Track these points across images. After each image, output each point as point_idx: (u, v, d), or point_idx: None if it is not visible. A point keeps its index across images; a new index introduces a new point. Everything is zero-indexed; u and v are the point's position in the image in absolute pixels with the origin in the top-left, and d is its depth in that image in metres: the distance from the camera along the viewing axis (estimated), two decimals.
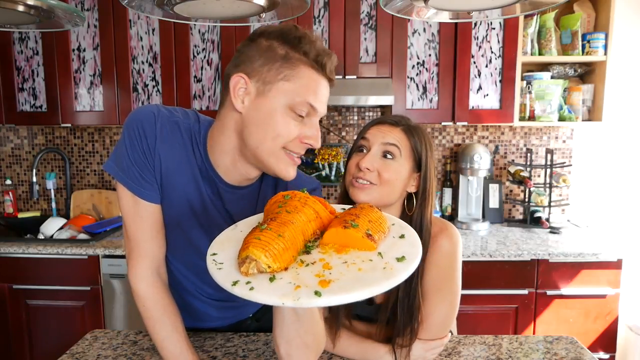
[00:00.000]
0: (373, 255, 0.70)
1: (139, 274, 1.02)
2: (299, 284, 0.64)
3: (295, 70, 0.88)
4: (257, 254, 0.66)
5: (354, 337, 1.13)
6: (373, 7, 2.40)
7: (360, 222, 0.73)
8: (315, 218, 0.76)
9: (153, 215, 1.00)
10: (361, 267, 0.67)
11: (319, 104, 0.90)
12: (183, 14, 1.15)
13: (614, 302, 2.18)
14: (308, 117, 0.91)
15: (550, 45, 2.47)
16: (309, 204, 0.76)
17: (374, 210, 0.79)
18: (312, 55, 0.88)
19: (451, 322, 1.13)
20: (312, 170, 2.78)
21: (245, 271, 0.67)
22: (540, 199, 2.61)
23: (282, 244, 0.68)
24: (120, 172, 0.97)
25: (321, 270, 0.67)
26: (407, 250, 0.71)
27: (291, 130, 0.89)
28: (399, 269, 0.67)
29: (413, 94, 2.45)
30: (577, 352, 1.18)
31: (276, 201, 0.79)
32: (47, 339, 2.32)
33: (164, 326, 1.01)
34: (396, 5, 1.13)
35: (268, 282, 0.65)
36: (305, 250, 0.72)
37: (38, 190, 2.66)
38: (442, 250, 1.09)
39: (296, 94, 0.88)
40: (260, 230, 0.69)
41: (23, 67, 2.51)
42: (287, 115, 0.89)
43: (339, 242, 0.72)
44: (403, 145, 1.07)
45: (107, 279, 2.24)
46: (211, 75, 2.46)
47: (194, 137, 1.00)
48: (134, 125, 0.95)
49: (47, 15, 1.21)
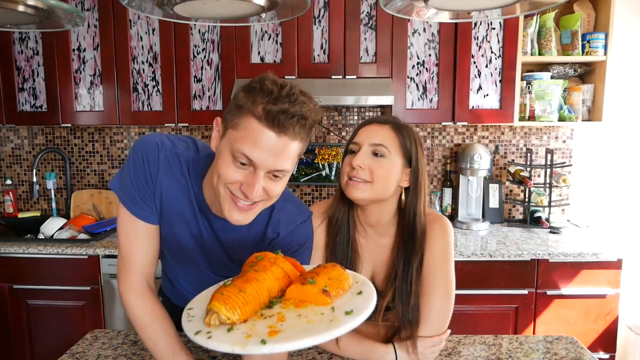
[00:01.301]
0: (326, 310, 0.76)
1: (130, 286, 1.05)
2: (251, 334, 0.71)
3: (241, 119, 0.89)
4: (218, 307, 0.74)
5: (355, 336, 1.14)
6: (373, 7, 2.40)
7: (319, 279, 0.80)
8: (283, 276, 0.83)
9: (149, 234, 1.06)
10: (311, 320, 0.73)
11: (258, 155, 0.87)
12: (183, 14, 1.15)
13: (614, 302, 2.18)
14: (251, 167, 0.90)
15: (550, 45, 2.47)
16: (278, 264, 0.84)
17: (335, 269, 0.85)
18: (260, 107, 0.87)
19: (449, 315, 1.14)
20: (312, 170, 2.78)
21: (208, 322, 0.74)
22: (540, 199, 2.61)
23: (243, 299, 0.75)
24: (122, 193, 1.04)
25: (275, 322, 0.73)
26: (359, 305, 0.77)
27: (230, 175, 0.90)
28: (344, 321, 0.72)
29: (413, 94, 2.45)
30: (577, 352, 1.19)
31: (249, 261, 0.87)
32: (47, 339, 2.32)
33: (154, 331, 1.03)
34: (396, 5, 1.13)
35: (225, 332, 0.73)
36: (269, 305, 0.79)
37: (38, 190, 2.66)
38: (435, 238, 1.14)
39: (236, 142, 0.89)
40: (225, 286, 0.77)
41: (23, 67, 2.51)
42: (229, 160, 0.90)
43: (298, 298, 0.79)
44: (392, 143, 1.11)
45: (107, 279, 2.24)
46: (211, 75, 2.46)
47: (192, 169, 1.05)
48: (138, 153, 1.02)
49: (47, 15, 1.21)
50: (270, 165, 0.89)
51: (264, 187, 0.92)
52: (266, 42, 2.43)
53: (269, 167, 0.89)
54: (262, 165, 0.88)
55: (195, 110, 2.48)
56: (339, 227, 1.17)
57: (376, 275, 1.21)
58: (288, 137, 0.88)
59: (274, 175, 0.92)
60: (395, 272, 1.14)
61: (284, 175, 0.93)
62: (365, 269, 1.21)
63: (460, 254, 2.14)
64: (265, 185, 0.92)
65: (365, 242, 1.20)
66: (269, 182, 0.92)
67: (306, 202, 2.86)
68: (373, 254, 1.20)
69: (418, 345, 1.10)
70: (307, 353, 1.18)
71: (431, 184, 2.84)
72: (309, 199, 2.86)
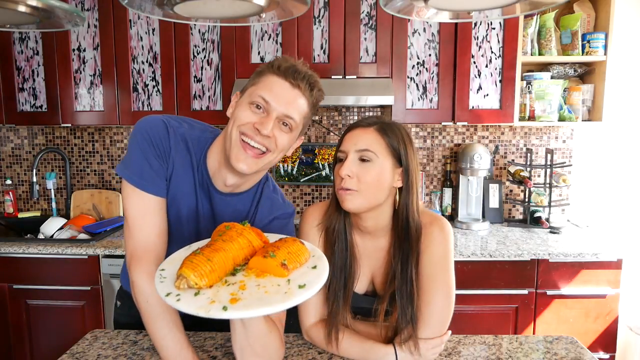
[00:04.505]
0: (282, 281, 0.85)
1: (143, 270, 1.03)
2: (214, 300, 0.79)
3: (262, 77, 1.04)
4: (187, 273, 0.82)
5: (356, 336, 1.14)
6: (373, 7, 2.40)
7: (279, 253, 0.88)
8: (248, 246, 0.91)
9: (160, 210, 1.08)
10: (268, 290, 0.81)
11: (273, 98, 1.01)
12: (183, 14, 1.15)
13: (614, 302, 2.18)
14: (265, 112, 1.02)
15: (550, 45, 2.47)
16: (244, 235, 0.92)
17: (296, 244, 0.92)
18: (276, 64, 1.03)
19: (449, 317, 1.13)
20: (312, 170, 2.78)
21: (177, 285, 0.82)
22: (540, 199, 2.61)
23: (209, 267, 0.83)
24: (128, 172, 1.05)
25: (237, 290, 0.82)
26: (311, 280, 0.85)
27: (246, 116, 1.02)
28: (296, 294, 0.80)
29: (413, 94, 2.45)
30: (577, 352, 1.19)
31: (218, 230, 0.95)
32: (47, 339, 2.33)
33: (164, 323, 1.02)
34: (396, 5, 1.13)
35: (193, 296, 0.80)
36: (233, 272, 0.88)
37: (38, 190, 2.67)
38: (434, 239, 1.13)
39: (255, 91, 1.03)
40: (194, 254, 0.85)
41: (23, 67, 2.51)
42: (247, 106, 1.03)
43: (260, 268, 0.87)
44: (377, 146, 1.09)
45: (107, 279, 2.24)
46: (211, 75, 2.46)
47: (197, 146, 1.11)
48: (146, 131, 1.05)
49: (47, 15, 1.21)
50: (282, 109, 1.01)
51: (274, 134, 1.02)
52: (266, 42, 2.43)
53: (281, 111, 1.02)
54: (275, 108, 1.01)
55: (195, 110, 2.48)
56: (336, 236, 1.16)
57: (375, 279, 1.21)
58: (300, 91, 1.03)
59: (284, 124, 1.03)
60: (394, 273, 1.13)
61: (291, 128, 1.04)
62: (364, 274, 1.20)
63: (460, 254, 2.14)
64: (275, 133, 1.02)
65: (363, 246, 1.20)
66: (277, 130, 1.03)
67: (306, 202, 2.86)
68: (371, 257, 1.20)
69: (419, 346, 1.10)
70: (307, 353, 1.18)
71: (431, 184, 2.84)
72: (308, 199, 2.86)
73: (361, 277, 1.19)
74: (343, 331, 1.14)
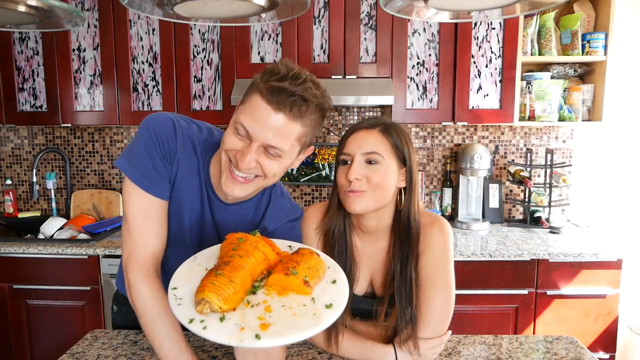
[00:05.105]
0: (307, 300, 0.83)
1: (140, 272, 1.02)
2: (244, 326, 0.76)
3: (249, 95, 0.95)
4: (211, 297, 0.78)
5: (355, 336, 1.14)
6: (373, 7, 2.40)
7: (300, 269, 0.85)
8: (264, 260, 0.88)
9: (162, 212, 1.05)
10: (295, 312, 0.79)
11: (255, 127, 0.91)
12: (183, 14, 1.15)
13: (614, 302, 2.18)
14: (248, 140, 0.94)
15: (550, 45, 2.47)
16: (259, 248, 0.88)
17: (313, 257, 0.90)
18: (267, 85, 0.91)
19: (449, 317, 1.13)
20: (312, 170, 2.78)
21: (200, 310, 0.78)
22: (540, 199, 2.61)
23: (233, 289, 0.80)
24: (132, 170, 1.01)
25: (263, 313, 0.79)
26: (335, 297, 0.84)
27: (230, 142, 0.95)
28: (325, 316, 0.79)
29: (413, 94, 2.45)
30: (577, 352, 1.19)
31: (231, 242, 0.90)
32: (47, 339, 2.32)
33: (163, 325, 1.00)
34: (396, 5, 1.13)
35: (218, 321, 0.77)
36: (252, 290, 0.85)
37: (38, 190, 2.67)
38: (434, 240, 1.13)
39: (240, 114, 0.94)
40: (215, 275, 0.81)
41: (23, 67, 2.51)
42: (233, 130, 0.96)
43: (281, 286, 0.84)
44: (383, 147, 1.08)
45: (107, 279, 2.24)
46: (211, 75, 2.46)
47: (203, 150, 1.07)
48: (154, 129, 1.01)
49: (47, 15, 1.21)
50: (264, 139, 0.92)
51: (260, 162, 0.95)
52: (266, 42, 2.43)
53: (263, 141, 0.92)
54: (257, 137, 0.92)
55: (195, 110, 2.48)
56: (336, 239, 1.16)
57: (374, 280, 1.20)
58: (285, 115, 0.91)
59: (269, 152, 0.95)
60: (393, 274, 1.13)
61: (280, 155, 0.95)
62: (363, 275, 1.20)
63: (460, 254, 2.14)
64: (261, 161, 0.95)
65: (362, 248, 1.19)
66: (264, 158, 0.95)
67: (306, 202, 2.86)
68: (370, 259, 1.19)
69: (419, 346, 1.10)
70: (307, 353, 1.18)
71: (431, 184, 2.84)
72: (308, 199, 2.86)
73: (360, 279, 1.19)
74: (343, 331, 1.14)
